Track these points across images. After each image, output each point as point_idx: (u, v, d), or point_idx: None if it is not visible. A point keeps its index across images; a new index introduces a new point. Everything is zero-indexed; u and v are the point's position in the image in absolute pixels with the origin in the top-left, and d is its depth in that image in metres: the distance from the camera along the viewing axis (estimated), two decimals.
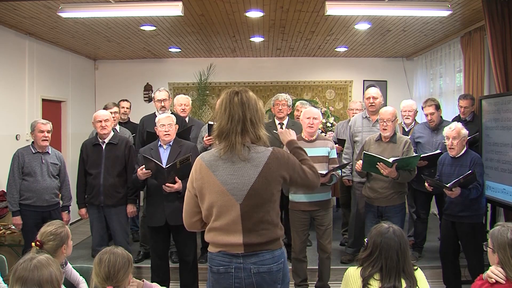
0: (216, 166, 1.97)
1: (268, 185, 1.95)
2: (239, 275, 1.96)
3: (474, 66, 5.26)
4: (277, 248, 2.02)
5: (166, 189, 3.48)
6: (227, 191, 1.93)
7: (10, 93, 5.40)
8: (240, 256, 1.95)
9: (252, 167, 1.94)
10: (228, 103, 1.98)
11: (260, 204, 1.95)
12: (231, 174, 1.94)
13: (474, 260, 3.62)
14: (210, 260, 2.06)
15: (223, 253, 1.98)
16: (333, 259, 4.00)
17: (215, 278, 2.03)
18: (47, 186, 4.04)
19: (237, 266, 1.95)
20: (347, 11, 4.60)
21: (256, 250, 1.96)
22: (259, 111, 2.02)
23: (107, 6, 4.38)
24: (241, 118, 1.95)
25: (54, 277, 1.79)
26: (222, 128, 1.98)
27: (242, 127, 1.96)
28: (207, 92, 7.70)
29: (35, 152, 4.03)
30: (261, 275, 1.96)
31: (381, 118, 3.87)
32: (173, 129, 3.69)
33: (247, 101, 1.98)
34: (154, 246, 3.77)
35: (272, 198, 1.98)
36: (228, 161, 1.96)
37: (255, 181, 1.93)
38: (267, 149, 2.00)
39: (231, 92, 2.01)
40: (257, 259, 1.96)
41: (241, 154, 1.94)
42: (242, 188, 1.93)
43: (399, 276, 1.97)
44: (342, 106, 7.81)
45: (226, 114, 1.97)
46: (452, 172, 3.67)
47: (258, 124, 2.00)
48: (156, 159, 3.62)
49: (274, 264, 1.98)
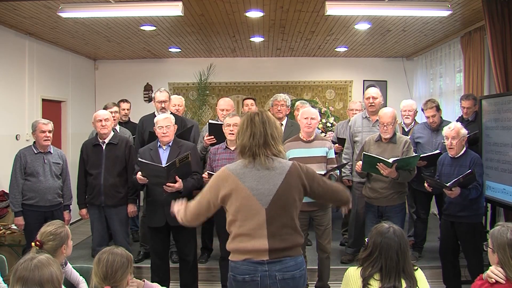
0: (243, 174, 2.11)
1: (291, 191, 2.11)
2: (265, 282, 2.04)
3: (474, 66, 5.26)
4: (298, 254, 2.14)
5: (167, 189, 3.46)
6: (253, 196, 2.07)
7: (10, 93, 5.40)
8: (266, 264, 2.04)
9: (276, 174, 2.10)
10: (249, 122, 2.17)
11: (284, 209, 2.08)
12: (257, 181, 2.09)
13: (473, 260, 3.62)
14: (233, 269, 2.10)
15: (248, 261, 2.05)
16: (333, 259, 4.01)
17: (240, 287, 2.07)
18: (50, 186, 4.03)
19: (263, 274, 2.03)
20: (347, 11, 4.60)
21: (280, 257, 2.06)
22: (278, 129, 2.22)
23: (107, 6, 4.38)
24: (263, 134, 2.14)
25: (55, 277, 1.79)
26: (244, 144, 2.15)
27: (264, 141, 2.13)
28: (207, 92, 7.69)
29: (37, 152, 4.03)
30: (285, 281, 2.05)
31: (381, 122, 3.86)
32: (171, 130, 3.68)
33: (267, 119, 2.18)
34: (154, 246, 3.77)
35: (295, 204, 2.13)
36: (254, 169, 2.11)
37: (279, 187, 2.08)
38: (288, 161, 2.20)
39: (252, 113, 2.22)
40: (282, 266, 2.05)
41: (265, 163, 2.11)
42: (268, 194, 2.07)
43: (399, 276, 1.97)
44: (342, 106, 7.80)
45: (248, 132, 2.15)
46: (452, 172, 3.67)
47: (278, 140, 2.18)
48: (156, 159, 3.62)
49: (297, 270, 2.09)
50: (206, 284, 4.25)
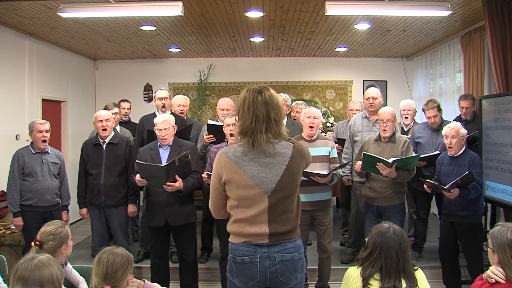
0: (242, 161, 2.03)
1: (294, 177, 2.07)
2: (264, 264, 2.03)
3: (474, 66, 5.26)
4: (296, 237, 2.13)
5: (168, 188, 3.46)
6: (255, 185, 2.01)
7: (10, 93, 5.40)
8: (265, 246, 2.03)
9: (278, 161, 2.03)
10: (251, 102, 2.03)
11: (287, 196, 2.06)
12: (259, 169, 2.02)
13: (473, 260, 3.62)
14: (233, 251, 2.09)
15: (248, 244, 2.04)
16: (333, 259, 4.01)
17: (239, 268, 2.06)
18: (48, 186, 4.03)
19: (262, 256, 2.03)
20: (347, 11, 4.60)
21: (280, 240, 2.05)
22: (281, 108, 2.09)
23: (107, 6, 4.38)
24: (265, 118, 2.02)
25: (55, 277, 1.79)
26: (246, 127, 2.03)
27: (267, 126, 2.02)
28: (207, 92, 7.70)
29: (35, 152, 4.03)
30: (284, 263, 2.04)
31: (380, 119, 3.87)
32: (170, 132, 3.67)
33: (270, 100, 2.05)
34: (154, 246, 3.77)
35: (296, 188, 2.11)
36: (255, 158, 2.03)
37: (282, 175, 2.02)
38: (288, 143, 2.09)
39: (254, 91, 2.06)
40: (281, 247, 2.05)
41: (267, 151, 2.02)
42: (271, 182, 2.02)
43: (399, 276, 1.97)
44: (342, 106, 7.80)
45: (250, 114, 2.02)
46: (451, 172, 3.68)
47: (280, 122, 2.07)
48: (156, 159, 3.62)
49: (296, 253, 2.09)
50: (206, 284, 4.25)
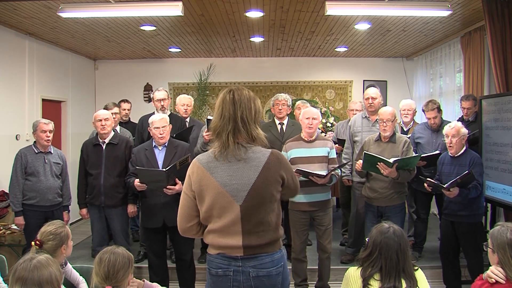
0: (213, 167, 1.92)
1: (269, 185, 1.92)
2: (238, 278, 1.92)
3: (474, 66, 5.26)
4: (276, 250, 1.99)
5: (168, 192, 3.46)
6: (226, 193, 1.89)
7: (10, 93, 5.40)
8: (239, 259, 1.92)
9: (251, 167, 1.90)
10: (222, 101, 1.96)
11: (260, 205, 1.91)
12: (230, 175, 1.90)
13: (473, 260, 3.62)
14: (209, 262, 2.02)
15: (222, 256, 1.94)
16: (333, 259, 4.01)
17: (214, 281, 1.99)
18: (50, 186, 4.03)
19: (235, 269, 1.92)
20: (347, 11, 4.60)
21: (256, 253, 1.92)
22: (253, 110, 1.97)
23: (107, 6, 4.38)
24: (232, 116, 1.92)
25: (54, 277, 1.79)
26: (215, 126, 1.95)
27: (234, 126, 1.92)
28: (207, 92, 7.70)
29: (38, 152, 4.03)
30: (260, 279, 1.92)
31: (380, 119, 3.87)
32: (167, 130, 3.67)
33: (239, 100, 1.94)
34: (152, 246, 3.77)
35: (272, 198, 1.95)
36: (225, 162, 1.92)
37: (255, 182, 1.89)
38: (266, 150, 1.96)
39: (226, 91, 1.99)
40: (257, 262, 1.92)
41: (236, 153, 1.91)
42: (242, 189, 1.89)
43: (399, 276, 1.97)
44: (342, 106, 7.81)
45: (218, 112, 1.95)
46: (452, 171, 3.67)
47: (250, 123, 1.95)
48: (152, 160, 3.61)
49: (273, 268, 1.95)
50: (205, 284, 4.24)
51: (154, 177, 3.45)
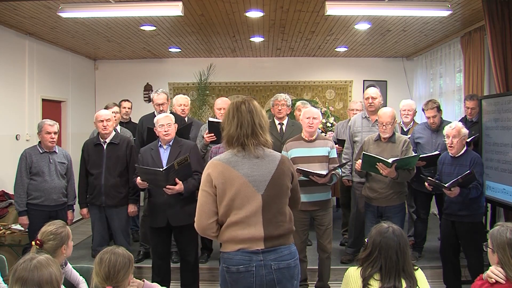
0: (235, 162, 2.08)
1: (285, 177, 2.13)
2: (260, 272, 2.01)
3: (474, 66, 5.27)
4: (291, 242, 2.15)
5: (168, 191, 3.46)
6: (249, 183, 2.05)
7: (10, 93, 5.41)
8: (260, 253, 2.02)
9: (269, 162, 2.12)
10: (235, 111, 2.13)
11: (278, 195, 2.10)
12: (251, 168, 2.08)
13: (474, 260, 3.62)
14: (226, 260, 2.06)
15: (242, 251, 2.02)
16: (333, 259, 4.00)
17: (234, 278, 2.03)
18: (55, 185, 4.02)
19: (258, 264, 2.01)
20: (347, 11, 4.60)
21: (275, 245, 2.05)
22: (265, 118, 2.19)
23: (107, 6, 4.38)
24: (250, 123, 2.11)
25: (54, 278, 1.79)
26: (232, 134, 2.12)
27: (252, 130, 2.11)
28: (207, 92, 7.70)
29: (43, 152, 4.02)
30: (281, 271, 2.04)
31: (380, 122, 3.86)
32: (172, 128, 3.68)
33: (254, 109, 2.15)
34: (156, 247, 3.77)
35: (287, 191, 2.15)
36: (246, 158, 2.10)
37: (274, 173, 2.09)
38: (276, 152, 2.21)
39: (237, 102, 2.17)
40: (277, 255, 2.05)
41: (255, 152, 2.10)
42: (263, 179, 2.07)
43: (399, 276, 1.97)
44: (342, 106, 7.81)
45: (234, 121, 2.12)
46: (452, 172, 3.67)
47: (265, 129, 2.16)
48: (157, 159, 3.62)
49: (292, 259, 2.09)
50: (206, 284, 4.25)
51: (153, 176, 3.46)
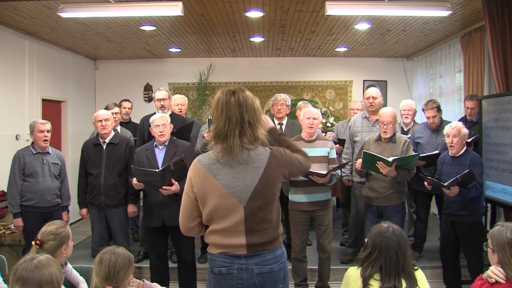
0: (216, 169, 1.93)
1: (271, 186, 1.96)
2: (242, 276, 1.94)
3: (474, 66, 5.27)
4: (277, 247, 2.02)
5: (164, 192, 3.46)
6: (229, 195, 1.91)
7: (10, 93, 5.40)
8: (242, 257, 1.94)
9: (253, 169, 1.92)
10: (224, 104, 1.92)
11: (263, 205, 1.94)
12: (233, 177, 1.92)
13: (473, 260, 3.62)
14: (211, 261, 2.03)
15: (225, 254, 1.96)
16: (333, 259, 4.01)
17: (217, 280, 2.00)
18: (49, 186, 4.02)
19: (239, 267, 1.94)
20: (347, 11, 4.60)
21: (259, 251, 1.95)
22: (257, 111, 1.97)
23: (107, 6, 4.38)
24: (239, 120, 1.91)
25: (54, 278, 1.79)
26: (219, 131, 1.93)
27: (240, 129, 1.91)
28: (207, 92, 7.70)
29: (36, 153, 4.02)
30: (263, 276, 1.95)
31: (381, 121, 3.86)
32: (167, 129, 3.68)
33: (244, 102, 1.93)
34: (152, 246, 3.77)
35: (274, 198, 1.99)
36: (227, 165, 1.93)
37: (257, 183, 1.91)
38: (265, 149, 1.98)
39: (227, 92, 1.95)
40: (259, 259, 1.95)
41: (240, 157, 1.91)
42: (246, 191, 1.91)
43: (399, 276, 1.97)
44: (342, 106, 7.81)
45: (223, 116, 1.92)
46: (452, 171, 3.68)
47: (256, 125, 1.96)
48: (152, 159, 3.62)
49: (275, 264, 1.98)
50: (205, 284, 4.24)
51: (149, 177, 3.46)
